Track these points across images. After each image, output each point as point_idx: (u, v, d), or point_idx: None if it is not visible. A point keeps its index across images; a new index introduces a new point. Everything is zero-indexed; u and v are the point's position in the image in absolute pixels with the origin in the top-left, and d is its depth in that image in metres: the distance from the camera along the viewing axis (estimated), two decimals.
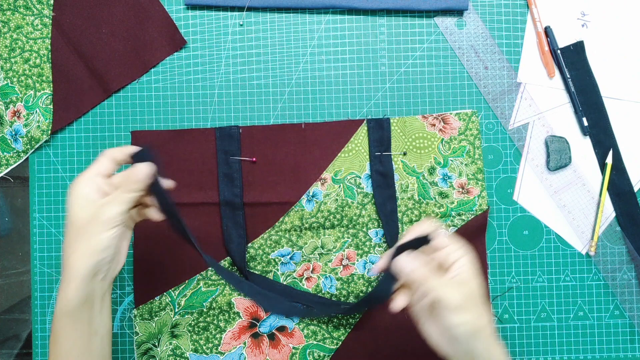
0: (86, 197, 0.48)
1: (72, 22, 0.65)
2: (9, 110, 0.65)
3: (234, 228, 0.63)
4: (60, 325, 0.48)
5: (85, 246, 0.47)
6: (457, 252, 0.48)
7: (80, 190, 0.48)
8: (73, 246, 0.47)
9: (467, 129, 0.64)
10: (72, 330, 0.48)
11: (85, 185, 0.48)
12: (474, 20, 0.65)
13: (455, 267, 0.47)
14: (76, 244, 0.47)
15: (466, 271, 0.47)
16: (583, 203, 0.65)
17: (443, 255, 0.48)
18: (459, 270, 0.47)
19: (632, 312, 0.64)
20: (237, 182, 0.63)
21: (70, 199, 0.48)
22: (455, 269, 0.47)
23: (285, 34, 0.65)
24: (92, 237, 0.47)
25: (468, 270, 0.47)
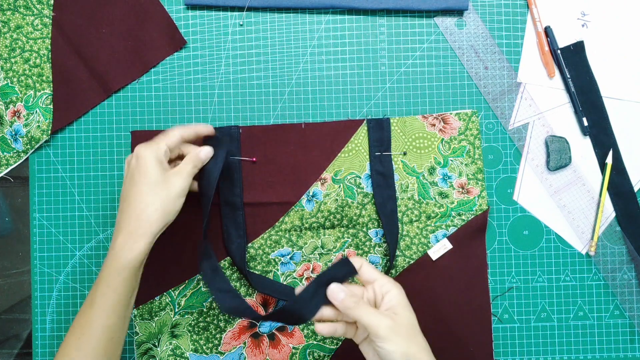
0: (160, 160, 0.53)
1: (72, 22, 0.65)
2: (9, 110, 0.65)
3: (233, 228, 0.63)
4: (120, 279, 0.50)
5: (162, 206, 0.51)
6: (386, 285, 0.50)
7: (151, 153, 0.52)
8: (146, 200, 0.51)
9: (467, 129, 0.64)
10: (128, 283, 0.51)
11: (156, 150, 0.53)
12: (474, 20, 0.65)
13: (386, 298, 0.50)
14: (150, 199, 0.51)
15: (397, 302, 0.49)
16: (583, 203, 0.65)
17: (375, 287, 0.51)
18: (390, 303, 0.49)
19: (632, 312, 0.64)
20: (237, 182, 0.63)
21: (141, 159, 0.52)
22: (387, 300, 0.50)
23: (285, 34, 0.65)
24: (171, 199, 0.52)
25: (399, 302, 0.50)
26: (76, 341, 0.50)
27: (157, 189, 0.52)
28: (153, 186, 0.52)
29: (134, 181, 0.52)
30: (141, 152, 0.52)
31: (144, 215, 0.51)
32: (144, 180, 0.51)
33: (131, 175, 0.52)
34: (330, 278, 0.51)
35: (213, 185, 0.57)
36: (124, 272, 0.51)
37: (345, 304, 0.49)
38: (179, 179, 0.53)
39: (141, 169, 0.52)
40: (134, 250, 0.51)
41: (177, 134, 0.55)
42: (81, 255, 0.65)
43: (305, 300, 0.51)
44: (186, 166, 0.55)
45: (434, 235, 0.64)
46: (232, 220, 0.63)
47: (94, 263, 0.65)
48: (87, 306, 0.51)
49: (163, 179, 0.52)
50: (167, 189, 0.52)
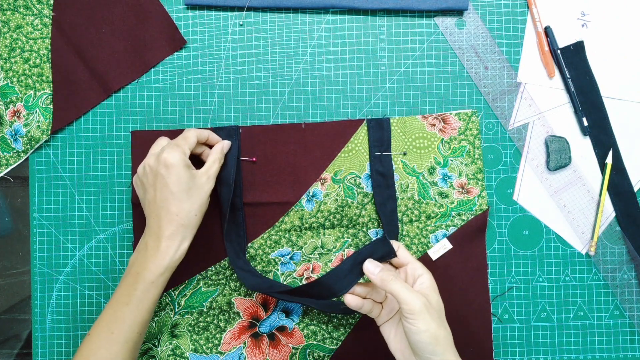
0: (188, 165, 0.55)
1: (72, 22, 0.65)
2: (9, 110, 0.65)
3: (234, 228, 0.63)
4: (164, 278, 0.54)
5: (198, 208, 0.55)
6: (420, 269, 0.52)
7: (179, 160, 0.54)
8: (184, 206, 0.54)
9: (467, 129, 0.64)
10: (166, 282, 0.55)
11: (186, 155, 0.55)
12: (474, 20, 0.65)
13: (418, 281, 0.51)
14: (188, 205, 0.54)
15: (428, 286, 0.51)
16: (583, 203, 0.65)
17: (407, 270, 0.53)
18: (422, 286, 0.51)
19: (632, 312, 0.64)
20: (237, 182, 0.63)
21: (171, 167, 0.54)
22: (419, 283, 0.51)
23: (285, 34, 0.65)
24: (205, 201, 0.56)
25: (430, 285, 0.51)
26: (108, 336, 0.52)
27: (191, 193, 0.54)
28: (188, 192, 0.54)
29: (168, 189, 0.54)
30: (170, 160, 0.54)
31: (184, 220, 0.54)
32: (179, 188, 0.54)
33: (163, 184, 0.54)
34: (367, 257, 0.53)
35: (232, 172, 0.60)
36: (166, 272, 0.54)
37: (382, 276, 0.50)
38: (208, 181, 0.56)
39: (173, 177, 0.54)
40: (180, 250, 0.55)
41: (194, 136, 0.57)
42: (81, 255, 0.65)
43: (340, 276, 0.54)
44: (213, 165, 0.57)
45: (434, 235, 0.64)
46: (232, 220, 0.63)
47: (93, 263, 0.65)
48: (122, 304, 0.53)
49: (194, 183, 0.55)
50: (199, 193, 0.55)
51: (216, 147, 0.59)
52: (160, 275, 0.54)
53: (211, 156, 0.58)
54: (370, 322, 0.63)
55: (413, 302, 0.47)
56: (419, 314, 0.47)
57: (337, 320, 0.64)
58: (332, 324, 0.64)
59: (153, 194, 0.55)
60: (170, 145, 0.55)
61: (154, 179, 0.55)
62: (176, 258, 0.54)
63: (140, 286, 0.53)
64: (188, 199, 0.54)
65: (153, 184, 0.55)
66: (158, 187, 0.54)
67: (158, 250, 0.54)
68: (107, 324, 0.53)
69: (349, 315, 0.63)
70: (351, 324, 0.63)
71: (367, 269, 0.52)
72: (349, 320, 0.63)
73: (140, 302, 0.53)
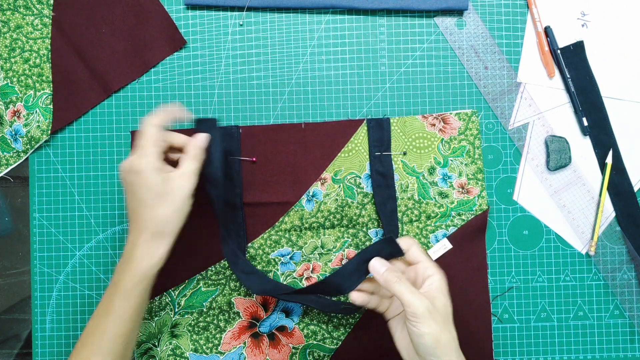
0: (157, 167, 0.52)
1: (72, 22, 0.65)
2: (9, 110, 0.65)
3: (233, 228, 0.63)
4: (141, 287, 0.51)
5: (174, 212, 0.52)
6: (431, 269, 0.50)
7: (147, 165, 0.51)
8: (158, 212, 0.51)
9: (467, 128, 0.64)
10: (147, 291, 0.52)
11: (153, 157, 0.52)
12: (474, 20, 0.65)
13: (427, 282, 0.50)
14: (161, 210, 0.51)
15: (437, 288, 0.49)
16: (583, 203, 0.65)
17: (418, 269, 0.51)
18: (430, 287, 0.49)
19: (632, 312, 0.64)
20: (237, 182, 0.63)
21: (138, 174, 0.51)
22: (427, 284, 0.50)
23: (285, 34, 0.65)
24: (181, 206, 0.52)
25: (439, 287, 0.49)
26: (92, 349, 0.50)
27: (165, 197, 0.52)
28: (160, 197, 0.51)
29: (139, 197, 0.51)
30: (136, 166, 0.51)
31: (158, 227, 0.52)
32: (149, 194, 0.51)
33: (133, 192, 0.52)
34: (374, 255, 0.52)
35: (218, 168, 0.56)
36: (144, 280, 0.52)
37: (386, 277, 0.49)
38: (184, 181, 0.53)
39: (143, 183, 0.51)
40: (155, 257, 0.52)
41: (154, 130, 0.53)
42: (81, 255, 0.65)
43: (347, 274, 0.53)
44: (188, 164, 0.54)
45: (434, 235, 0.64)
46: (232, 220, 0.63)
47: (93, 263, 0.65)
48: (102, 315, 0.51)
49: (167, 186, 0.52)
50: (174, 196, 0.52)
51: (190, 143, 0.55)
52: (137, 284, 0.51)
53: (186, 155, 0.54)
54: (370, 322, 0.63)
55: (415, 304, 0.47)
56: (421, 317, 0.47)
57: (337, 320, 0.64)
58: (332, 324, 0.64)
59: (128, 200, 0.53)
60: (134, 149, 0.52)
61: (126, 187, 0.53)
62: (151, 265, 0.52)
63: (117, 296, 0.51)
64: (160, 205, 0.51)
65: (126, 191, 0.53)
66: (129, 195, 0.52)
67: (132, 258, 0.51)
68: (91, 337, 0.51)
69: (349, 315, 0.63)
70: (351, 324, 0.63)
71: (373, 267, 0.51)
72: (349, 320, 0.63)
73: (119, 313, 0.51)
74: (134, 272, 0.51)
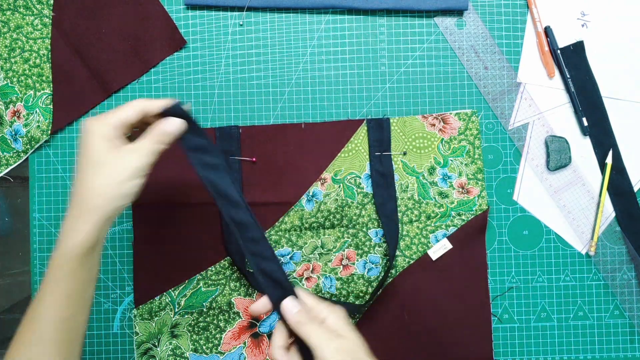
0: (107, 136, 0.46)
1: (72, 22, 0.65)
2: (9, 110, 0.65)
3: None
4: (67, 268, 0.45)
5: (108, 188, 0.45)
6: (323, 312, 0.48)
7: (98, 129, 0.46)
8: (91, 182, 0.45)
9: (467, 128, 0.64)
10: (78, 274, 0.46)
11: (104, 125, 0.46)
12: (474, 20, 0.65)
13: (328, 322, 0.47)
14: (96, 182, 0.45)
15: (341, 326, 0.47)
16: (583, 203, 0.65)
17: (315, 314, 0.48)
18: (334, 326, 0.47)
19: (632, 312, 0.64)
20: (236, 182, 0.63)
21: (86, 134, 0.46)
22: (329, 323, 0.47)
23: (285, 34, 0.65)
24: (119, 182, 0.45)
25: (342, 325, 0.47)
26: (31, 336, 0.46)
27: (102, 169, 0.45)
28: (98, 167, 0.45)
29: (80, 161, 0.46)
30: (87, 127, 0.46)
31: (88, 199, 0.45)
32: (88, 160, 0.46)
33: (79, 154, 0.46)
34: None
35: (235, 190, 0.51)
36: (69, 262, 0.45)
37: (297, 318, 0.47)
38: (133, 158, 0.46)
39: (86, 146, 0.46)
40: (79, 234, 0.45)
41: (137, 107, 0.47)
42: None
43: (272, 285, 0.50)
44: (145, 142, 0.47)
45: (434, 235, 0.64)
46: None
47: None
48: (37, 300, 0.46)
49: (111, 158, 0.45)
50: (115, 170, 0.45)
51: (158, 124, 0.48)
52: (61, 265, 0.45)
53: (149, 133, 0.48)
54: (370, 322, 0.63)
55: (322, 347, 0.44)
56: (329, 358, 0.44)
57: None
58: None
59: None
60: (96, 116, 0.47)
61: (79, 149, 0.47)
62: (75, 244, 0.45)
63: (46, 280, 0.46)
64: (94, 175, 0.45)
65: None
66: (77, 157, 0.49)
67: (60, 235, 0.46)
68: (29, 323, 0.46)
69: (349, 315, 0.63)
70: None
71: (284, 307, 0.48)
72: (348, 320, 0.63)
73: (52, 298, 0.45)
74: (58, 252, 0.46)
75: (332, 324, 0.47)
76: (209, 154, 0.50)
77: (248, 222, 0.51)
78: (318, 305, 0.49)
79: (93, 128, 0.46)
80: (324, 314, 0.48)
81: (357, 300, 0.63)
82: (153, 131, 0.48)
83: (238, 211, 0.51)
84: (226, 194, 0.51)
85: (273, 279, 0.50)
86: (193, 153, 0.50)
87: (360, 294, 0.63)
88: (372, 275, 0.63)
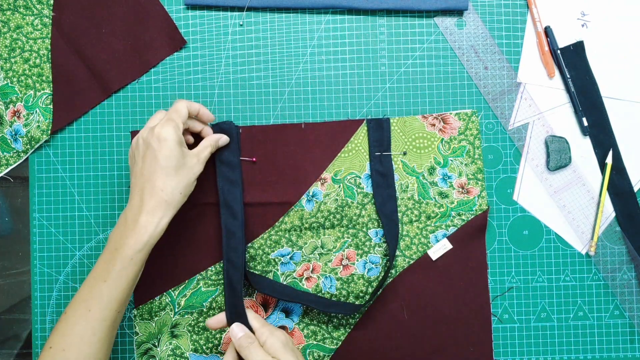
0: (181, 141, 0.54)
1: (72, 22, 0.65)
2: (9, 110, 0.65)
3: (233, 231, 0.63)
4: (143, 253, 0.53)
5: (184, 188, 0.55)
6: (263, 335, 0.55)
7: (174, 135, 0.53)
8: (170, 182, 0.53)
9: (467, 129, 0.64)
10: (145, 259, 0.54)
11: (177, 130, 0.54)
12: (474, 20, 0.65)
13: (267, 345, 0.55)
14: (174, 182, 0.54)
15: (276, 349, 0.54)
16: (583, 203, 0.65)
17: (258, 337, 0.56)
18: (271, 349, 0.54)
19: (632, 312, 0.64)
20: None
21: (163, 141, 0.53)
22: (268, 347, 0.54)
23: (285, 34, 0.65)
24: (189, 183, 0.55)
25: (278, 348, 0.54)
26: (85, 314, 0.52)
27: (180, 171, 0.54)
28: (176, 169, 0.54)
29: (157, 163, 0.53)
30: (163, 134, 0.53)
31: (168, 196, 0.53)
32: (168, 164, 0.53)
33: (153, 157, 0.53)
34: None
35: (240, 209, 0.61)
36: (146, 247, 0.53)
37: (240, 342, 0.55)
38: (197, 163, 0.56)
39: (164, 151, 0.53)
40: (159, 227, 0.53)
41: (185, 108, 0.56)
42: (81, 255, 0.65)
43: None
44: (205, 150, 0.57)
45: (434, 235, 0.64)
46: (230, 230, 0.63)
47: (94, 263, 0.64)
48: (98, 280, 0.52)
49: (184, 160, 0.55)
50: (187, 172, 0.55)
51: (213, 135, 0.59)
52: (139, 251, 0.53)
53: (205, 141, 0.58)
54: (370, 322, 0.63)
55: None
56: None
57: (337, 320, 0.64)
58: (332, 324, 0.64)
59: (141, 165, 0.54)
60: (164, 119, 0.55)
61: (144, 151, 0.54)
62: (156, 234, 0.53)
63: (118, 262, 0.52)
64: (175, 176, 0.54)
65: (143, 156, 0.54)
66: (147, 160, 0.54)
67: (137, 225, 0.53)
68: (84, 301, 0.52)
69: (349, 315, 0.63)
70: (351, 324, 0.63)
71: (232, 331, 0.56)
72: (349, 320, 0.63)
73: (118, 279, 0.52)
74: (137, 239, 0.52)
75: (269, 346, 0.54)
76: (233, 171, 0.62)
77: (236, 233, 0.60)
78: (261, 329, 0.56)
79: (169, 135, 0.53)
80: (264, 338, 0.55)
81: (357, 300, 0.63)
82: (210, 141, 0.58)
83: (234, 222, 0.61)
84: (230, 206, 0.61)
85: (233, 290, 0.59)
86: (221, 165, 0.62)
87: (360, 294, 0.63)
88: (372, 275, 0.63)
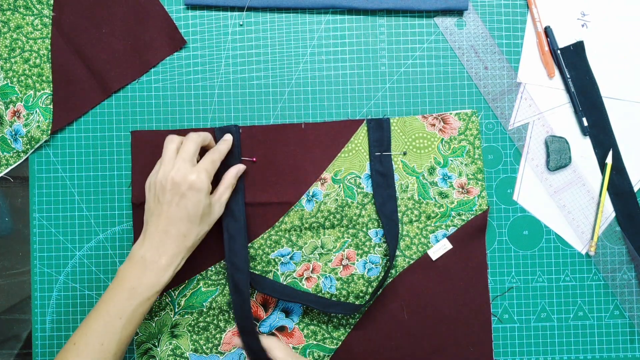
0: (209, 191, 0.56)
1: (72, 22, 0.65)
2: (9, 110, 0.65)
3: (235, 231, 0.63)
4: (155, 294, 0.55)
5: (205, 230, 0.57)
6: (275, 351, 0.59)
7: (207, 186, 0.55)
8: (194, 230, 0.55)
9: (467, 129, 0.64)
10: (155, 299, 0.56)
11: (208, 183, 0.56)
12: (474, 20, 0.65)
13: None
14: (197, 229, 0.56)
15: None
16: (583, 203, 0.65)
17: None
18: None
19: (632, 312, 0.64)
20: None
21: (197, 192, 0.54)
22: None
23: (285, 34, 0.65)
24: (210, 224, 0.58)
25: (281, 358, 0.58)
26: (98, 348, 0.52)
27: (204, 219, 0.56)
28: (202, 217, 0.56)
29: (186, 211, 0.54)
30: (198, 185, 0.54)
31: (190, 242, 0.56)
32: (196, 212, 0.55)
33: (184, 205, 0.54)
34: None
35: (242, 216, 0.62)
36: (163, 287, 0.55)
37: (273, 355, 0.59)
38: (219, 209, 0.58)
39: (195, 200, 0.54)
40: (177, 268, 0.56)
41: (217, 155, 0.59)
42: (81, 255, 0.65)
43: None
44: (225, 192, 0.59)
45: (434, 235, 0.64)
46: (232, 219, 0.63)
47: (93, 263, 0.65)
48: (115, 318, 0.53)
49: (209, 209, 0.57)
50: (210, 219, 0.57)
51: (230, 172, 0.60)
52: (157, 292, 0.55)
53: (224, 182, 0.59)
54: (370, 322, 0.63)
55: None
56: None
57: (337, 320, 0.64)
58: (332, 324, 0.64)
59: (168, 209, 0.54)
60: (200, 168, 0.55)
61: (173, 196, 0.54)
62: (173, 275, 0.56)
63: (135, 302, 0.53)
64: (200, 224, 0.56)
65: (170, 201, 0.54)
66: (174, 205, 0.54)
67: (157, 267, 0.54)
68: (98, 336, 0.53)
69: (349, 315, 0.63)
70: (351, 324, 0.63)
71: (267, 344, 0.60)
72: (349, 320, 0.63)
73: (133, 318, 0.54)
74: (157, 281, 0.54)
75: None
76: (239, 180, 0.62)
77: (238, 236, 0.61)
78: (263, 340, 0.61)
79: (204, 186, 0.55)
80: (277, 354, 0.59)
81: (357, 300, 0.63)
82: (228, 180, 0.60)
83: (235, 224, 0.61)
84: (232, 209, 0.61)
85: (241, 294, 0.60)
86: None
87: (360, 294, 0.63)
88: (372, 275, 0.63)
